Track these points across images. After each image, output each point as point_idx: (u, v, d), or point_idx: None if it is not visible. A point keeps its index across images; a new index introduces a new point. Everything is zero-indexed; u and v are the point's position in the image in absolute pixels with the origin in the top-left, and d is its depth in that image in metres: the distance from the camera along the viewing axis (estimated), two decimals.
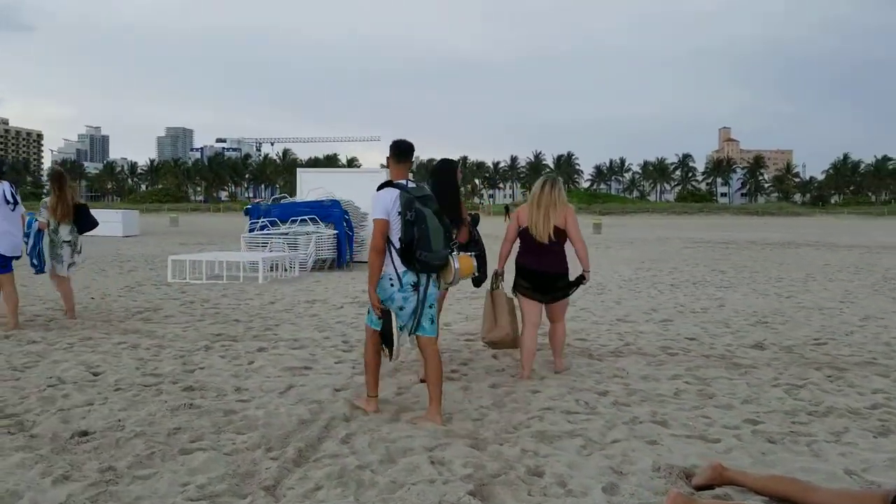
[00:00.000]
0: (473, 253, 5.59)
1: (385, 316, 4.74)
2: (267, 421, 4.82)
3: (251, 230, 18.13)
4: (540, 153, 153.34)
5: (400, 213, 4.63)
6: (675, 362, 6.71)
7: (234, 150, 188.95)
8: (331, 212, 17.98)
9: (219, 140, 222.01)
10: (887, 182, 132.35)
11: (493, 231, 24.72)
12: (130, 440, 4.45)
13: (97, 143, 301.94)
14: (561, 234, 6.00)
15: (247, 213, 18.94)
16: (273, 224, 17.80)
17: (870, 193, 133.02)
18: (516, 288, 6.24)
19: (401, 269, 4.69)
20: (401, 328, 4.79)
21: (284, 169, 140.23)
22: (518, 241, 6.22)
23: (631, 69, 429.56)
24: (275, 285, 13.29)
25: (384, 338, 4.79)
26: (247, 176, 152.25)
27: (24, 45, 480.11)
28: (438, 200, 5.71)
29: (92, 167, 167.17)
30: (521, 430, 4.63)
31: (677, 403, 5.28)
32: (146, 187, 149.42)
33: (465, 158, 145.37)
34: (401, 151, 4.98)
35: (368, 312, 4.93)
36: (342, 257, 17.46)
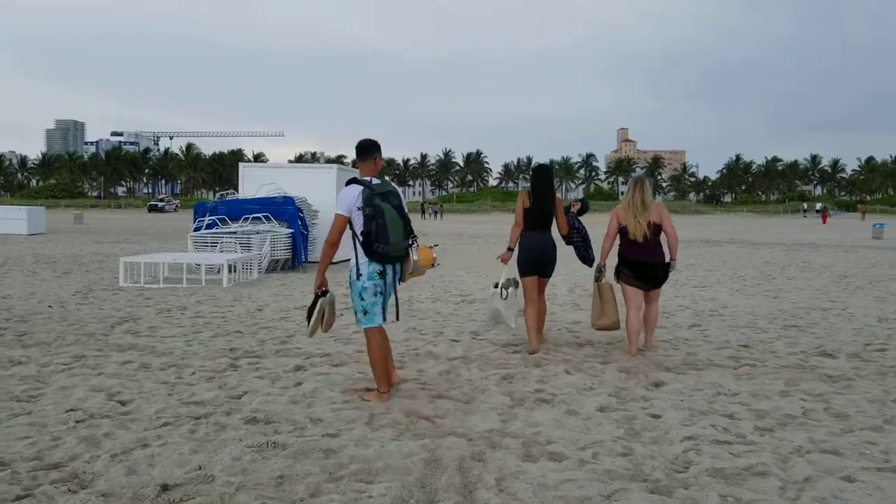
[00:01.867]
0: (431, 245, 5.90)
1: (316, 298, 5.22)
2: (386, 463, 4.01)
3: (197, 228, 16.83)
4: (450, 151, 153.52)
5: (360, 209, 4.97)
6: (763, 374, 6.25)
7: (132, 143, 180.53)
8: (284, 209, 16.89)
9: (114, 133, 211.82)
10: (777, 182, 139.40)
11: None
12: (234, 496, 3.57)
13: None
14: (655, 229, 6.83)
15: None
16: (222, 222, 16.57)
17: (760, 192, 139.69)
18: (620, 276, 7.11)
19: (362, 260, 5.05)
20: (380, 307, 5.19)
21: (188, 164, 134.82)
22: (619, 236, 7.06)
23: (536, 71, 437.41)
24: (243, 289, 12.21)
25: (309, 314, 5.23)
26: (146, 171, 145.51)
27: None
28: (544, 199, 7.14)
29: None
30: (691, 470, 4.00)
31: (824, 427, 4.77)
32: (37, 182, 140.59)
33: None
34: (360, 150, 5.27)
35: (358, 313, 5.18)
36: (298, 257, 16.43)
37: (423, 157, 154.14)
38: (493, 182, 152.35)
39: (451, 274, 15.35)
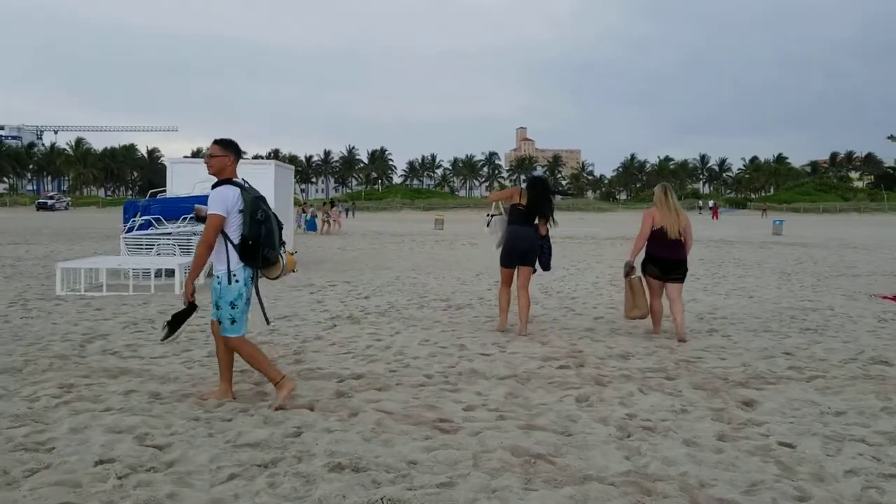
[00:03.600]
0: (293, 252, 6.18)
1: (189, 308, 5.11)
2: None
3: (129, 230, 15.39)
4: (353, 148, 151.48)
5: (242, 211, 4.88)
6: (841, 387, 5.86)
7: (14, 137, 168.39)
8: None
9: None
10: (670, 180, 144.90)
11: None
12: None
13: None
14: (684, 229, 7.87)
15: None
16: (157, 222, 15.20)
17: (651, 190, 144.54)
18: (646, 271, 8.04)
19: (237, 265, 4.93)
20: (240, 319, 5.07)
21: (77, 160, 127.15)
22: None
23: (438, 69, 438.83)
24: (200, 295, 11.06)
25: (175, 321, 5.14)
26: (31, 167, 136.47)
27: None
28: (543, 208, 8.30)
29: None
30: None
31: None
32: None
33: (276, 152, 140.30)
34: (236, 147, 5.19)
35: (225, 321, 5.04)
36: None
37: (327, 153, 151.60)
38: (397, 179, 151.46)
39: (407, 277, 14.60)
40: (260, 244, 4.91)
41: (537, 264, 8.27)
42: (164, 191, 17.41)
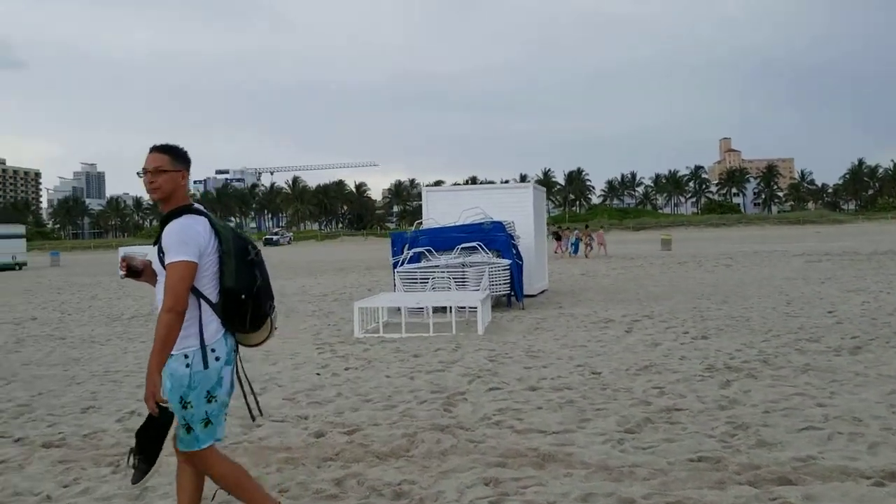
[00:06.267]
0: None
1: (163, 415, 3.12)
2: None
3: (396, 263, 14.67)
4: (549, 170, 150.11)
5: (222, 253, 3.21)
6: None
7: (238, 180, 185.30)
8: (494, 237, 14.57)
9: (219, 171, 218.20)
10: None
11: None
12: None
13: (93, 179, 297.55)
14: None
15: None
16: (430, 253, 14.34)
17: (889, 197, 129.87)
18: None
19: (215, 335, 3.22)
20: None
21: (295, 197, 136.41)
22: None
23: (627, 84, 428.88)
24: (509, 336, 9.80)
25: (146, 444, 3.20)
26: (254, 206, 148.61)
27: (15, 81, 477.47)
28: None
29: (95, 203, 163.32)
30: None
31: None
32: (150, 223, 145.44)
33: (474, 178, 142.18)
34: (187, 158, 3.40)
35: (196, 425, 3.21)
36: (518, 292, 14.01)
37: (523, 177, 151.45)
38: (595, 200, 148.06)
39: (726, 310, 12.52)
40: (257, 298, 3.31)
41: None
42: (422, 222, 16.63)
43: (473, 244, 14.23)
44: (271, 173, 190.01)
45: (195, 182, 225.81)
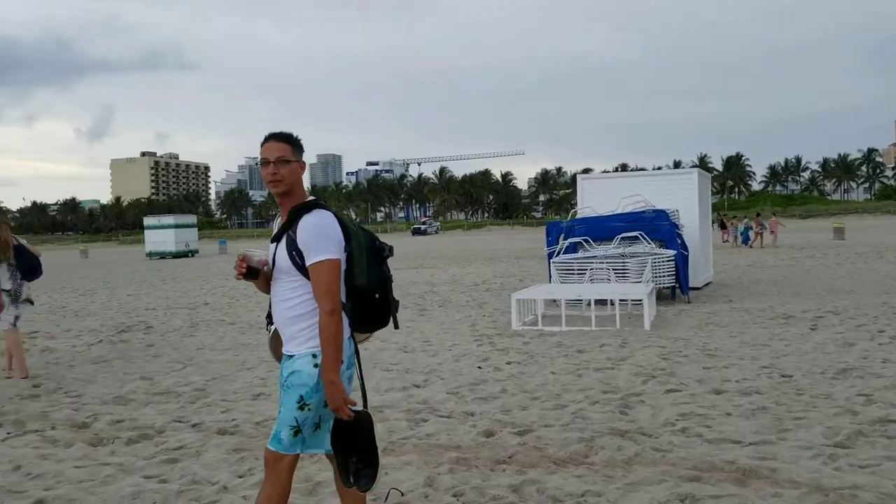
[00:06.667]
0: None
1: (363, 418, 2.94)
2: None
3: (551, 254, 14.22)
4: (705, 155, 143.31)
5: (351, 249, 2.98)
6: None
7: (388, 171, 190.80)
8: (658, 226, 13.75)
9: (370, 163, 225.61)
10: None
11: None
12: None
13: (256, 172, 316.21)
14: None
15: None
16: (587, 243, 13.79)
17: None
18: None
19: (344, 336, 2.92)
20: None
21: (442, 187, 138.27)
22: None
23: (793, 66, 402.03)
24: (679, 332, 9.15)
25: (363, 448, 2.97)
26: (402, 196, 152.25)
27: (188, 82, 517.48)
28: None
29: (258, 195, 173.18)
30: None
31: None
32: None
33: (624, 166, 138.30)
34: (301, 145, 3.11)
35: (306, 429, 2.96)
36: (683, 285, 13.19)
37: (677, 164, 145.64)
38: (756, 186, 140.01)
39: None
40: (388, 296, 3.12)
41: None
42: (576, 211, 16.05)
43: (634, 234, 13.54)
44: (419, 164, 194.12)
45: (347, 174, 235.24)
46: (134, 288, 20.74)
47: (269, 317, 3.23)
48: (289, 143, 3.03)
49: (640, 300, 10.22)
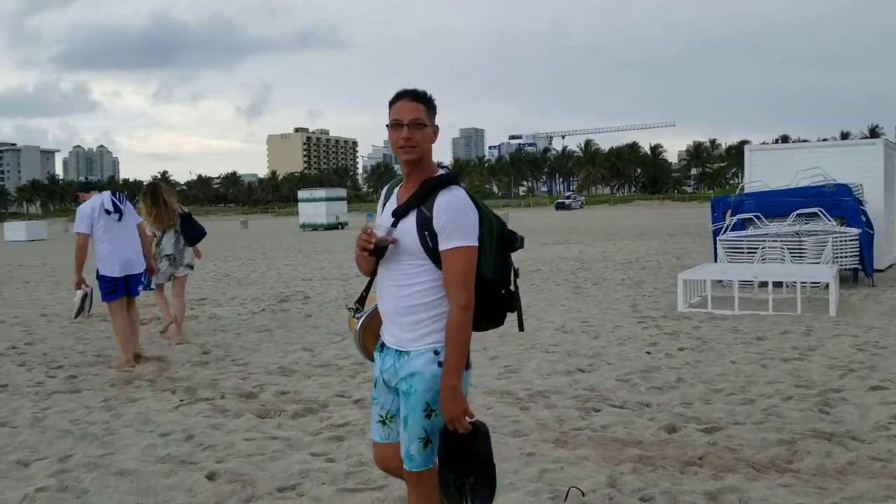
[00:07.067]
0: None
1: (478, 432, 2.55)
2: None
3: (717, 231, 13.28)
4: (877, 126, 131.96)
5: (483, 235, 2.56)
6: None
7: (531, 145, 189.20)
8: (838, 202, 12.53)
9: (512, 137, 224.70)
10: None
11: None
12: None
13: None
14: None
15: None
16: (758, 220, 12.77)
17: None
18: None
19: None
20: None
21: (587, 160, 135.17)
22: None
23: None
24: (869, 319, 8.20)
25: (480, 464, 2.56)
26: (545, 170, 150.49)
27: (339, 60, 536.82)
28: None
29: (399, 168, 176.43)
30: None
31: None
32: None
33: (785, 137, 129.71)
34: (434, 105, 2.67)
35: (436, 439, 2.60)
36: (867, 267, 11.94)
37: (844, 135, 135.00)
38: None
39: None
40: (514, 293, 2.72)
41: None
42: (744, 185, 14.92)
43: (812, 210, 12.38)
44: (562, 137, 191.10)
45: (490, 147, 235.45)
46: (290, 258, 21.50)
47: (361, 301, 2.85)
48: (424, 103, 2.63)
49: (823, 283, 9.26)
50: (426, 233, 2.54)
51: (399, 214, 2.61)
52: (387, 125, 2.63)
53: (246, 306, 11.14)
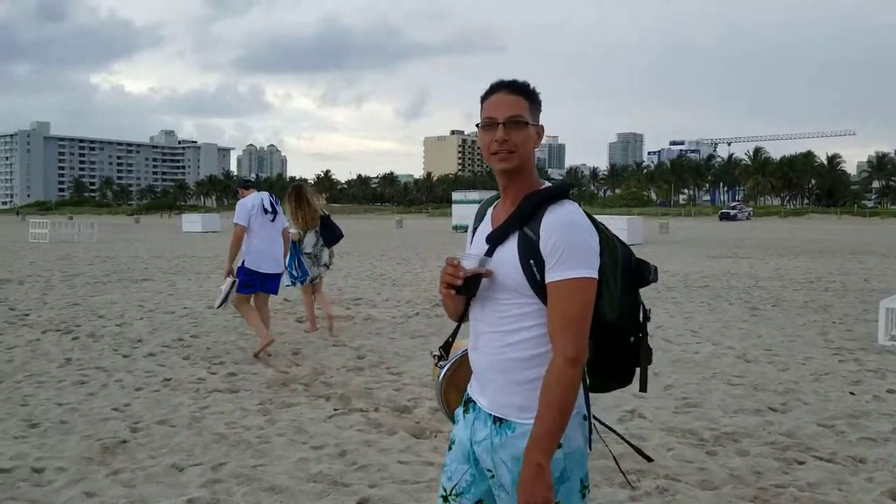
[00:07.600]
0: None
1: None
2: None
3: None
4: None
5: (605, 264, 1.95)
6: None
7: (693, 151, 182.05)
8: None
9: (673, 143, 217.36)
10: None
11: None
12: None
13: (554, 151, 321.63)
14: None
15: None
16: None
17: None
18: None
19: (582, 394, 2.00)
20: None
21: (756, 169, 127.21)
22: None
23: None
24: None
25: None
26: (708, 178, 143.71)
27: (494, 63, 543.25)
28: None
29: (556, 173, 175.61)
30: None
31: None
32: (603, 193, 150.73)
33: None
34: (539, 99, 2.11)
35: None
36: None
37: None
38: None
39: None
40: (644, 341, 2.04)
41: None
42: None
43: None
44: (728, 144, 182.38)
45: (649, 153, 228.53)
46: (443, 260, 21.41)
47: (446, 348, 2.30)
48: (526, 96, 2.05)
49: None
50: (532, 261, 1.95)
51: (495, 240, 2.04)
52: (477, 125, 2.08)
53: (400, 309, 11.00)
